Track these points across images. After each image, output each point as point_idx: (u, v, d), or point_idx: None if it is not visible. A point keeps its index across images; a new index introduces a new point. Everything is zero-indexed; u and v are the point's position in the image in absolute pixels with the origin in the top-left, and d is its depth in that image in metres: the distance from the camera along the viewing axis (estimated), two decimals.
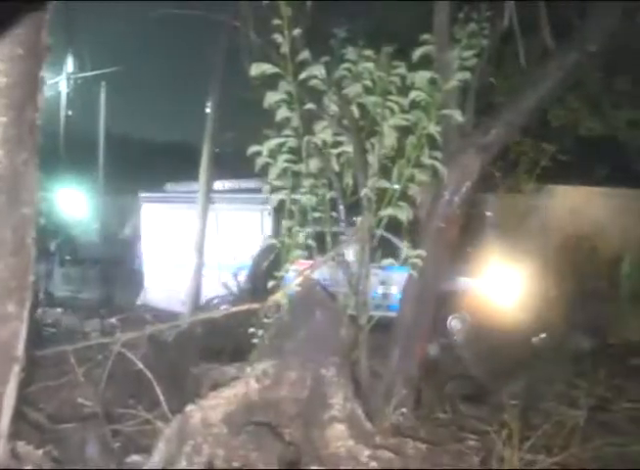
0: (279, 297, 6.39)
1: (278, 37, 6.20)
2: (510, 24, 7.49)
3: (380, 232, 6.55)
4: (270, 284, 6.62)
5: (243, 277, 12.62)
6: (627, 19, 7.21)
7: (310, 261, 6.81)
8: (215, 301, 13.39)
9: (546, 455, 6.10)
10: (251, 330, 6.73)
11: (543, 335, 11.07)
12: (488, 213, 15.62)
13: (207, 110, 14.01)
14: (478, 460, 6.21)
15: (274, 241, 6.60)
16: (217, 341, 8.98)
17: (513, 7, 7.41)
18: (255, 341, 6.68)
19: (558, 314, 11.58)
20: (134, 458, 5.89)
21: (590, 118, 14.99)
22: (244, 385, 6.22)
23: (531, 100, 6.96)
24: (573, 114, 14.82)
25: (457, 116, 6.63)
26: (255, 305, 6.63)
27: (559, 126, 14.84)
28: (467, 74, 6.64)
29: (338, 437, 6.08)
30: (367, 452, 6.01)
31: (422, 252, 6.65)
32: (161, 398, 6.39)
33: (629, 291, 11.41)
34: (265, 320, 6.61)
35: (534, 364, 9.40)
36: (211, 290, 14.04)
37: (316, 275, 6.83)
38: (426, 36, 6.65)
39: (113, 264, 19.20)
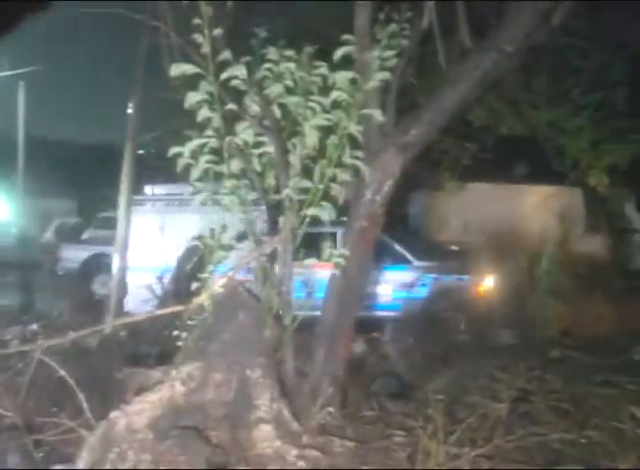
0: (203, 299, 6.34)
1: (198, 37, 6.14)
2: (430, 25, 7.56)
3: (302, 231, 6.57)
4: (194, 286, 6.56)
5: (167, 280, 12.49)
6: (544, 19, 7.35)
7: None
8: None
9: (471, 448, 6.21)
10: (176, 333, 6.66)
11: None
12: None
13: (129, 111, 13.76)
14: (404, 456, 6.28)
15: (197, 243, 6.52)
16: (142, 345, 8.86)
17: (432, 7, 7.48)
18: (180, 343, 6.61)
19: (480, 310, 11.82)
20: (57, 468, 5.77)
21: (510, 118, 15.31)
22: (169, 388, 6.16)
23: (450, 99, 7.05)
24: (494, 113, 15.11)
25: (378, 115, 6.70)
26: (179, 308, 6.56)
27: (480, 126, 15.11)
28: (387, 75, 6.72)
29: (264, 438, 6.07)
30: (294, 452, 6.02)
31: (345, 251, 6.69)
32: (85, 405, 6.25)
33: (549, 286, 11.69)
34: (189, 322, 6.54)
35: (458, 360, 9.55)
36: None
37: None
38: (347, 36, 6.69)
39: (33, 269, 18.74)
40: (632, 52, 14.52)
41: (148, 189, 15.79)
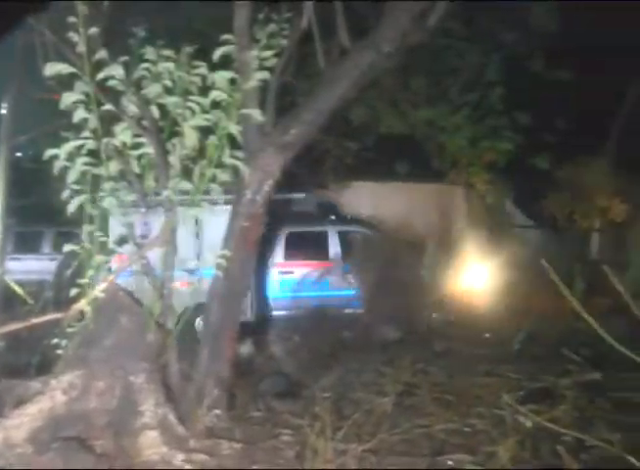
0: (82, 305, 6.16)
1: (74, 36, 5.95)
2: (309, 25, 7.60)
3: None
4: (73, 292, 6.36)
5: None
6: (420, 20, 7.51)
7: None
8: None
9: (357, 443, 6.32)
10: (56, 341, 6.45)
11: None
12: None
13: (2, 111, 13.23)
14: (292, 454, 6.32)
15: (74, 247, 6.32)
16: (20, 355, 8.52)
17: (312, 8, 7.53)
18: (60, 352, 6.41)
19: (366, 305, 11.99)
20: None
21: (390, 117, 15.56)
22: (49, 399, 5.99)
23: (329, 99, 7.12)
24: (374, 112, 15.33)
25: (257, 115, 6.70)
26: (58, 315, 6.35)
27: (361, 125, 15.30)
28: (267, 74, 6.73)
29: (150, 444, 5.99)
30: (181, 457, 5.97)
31: (226, 252, 6.66)
32: None
33: (431, 281, 11.96)
34: (69, 330, 6.34)
35: (344, 356, 9.66)
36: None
37: None
38: (226, 36, 6.64)
39: None
40: (506, 53, 15.04)
41: None
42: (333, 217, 14.16)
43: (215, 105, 6.44)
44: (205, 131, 6.43)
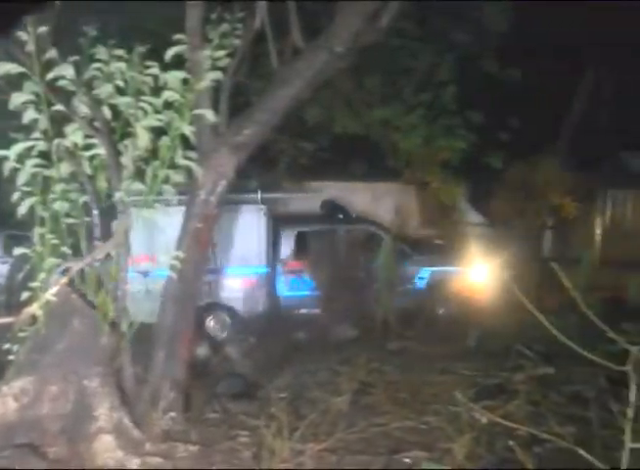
0: (34, 308, 6.06)
1: (23, 35, 5.86)
2: (262, 25, 7.58)
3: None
4: (24, 296, 6.25)
5: None
6: (372, 20, 7.54)
7: None
8: None
9: (314, 443, 6.33)
10: (7, 346, 6.34)
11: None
12: None
13: None
14: (249, 455, 6.32)
15: (26, 250, 6.22)
16: None
17: (265, 7, 7.51)
18: (12, 357, 6.29)
19: (322, 305, 11.97)
20: None
21: (344, 117, 15.59)
22: (0, 406, 5.91)
23: (282, 99, 7.12)
24: (328, 112, 15.34)
25: (210, 116, 6.66)
26: (9, 319, 6.24)
27: (315, 125, 15.29)
28: (219, 74, 6.69)
29: (105, 448, 5.95)
30: (136, 461, 5.94)
31: (180, 253, 6.61)
32: None
33: (385, 279, 12.00)
34: (21, 334, 6.24)
35: (300, 356, 9.66)
36: None
37: None
38: (178, 36, 6.59)
39: None
40: (459, 53, 15.18)
41: None
42: (340, 216, 14.31)
43: (168, 105, 6.38)
44: (158, 132, 6.36)
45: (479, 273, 12.42)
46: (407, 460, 6.36)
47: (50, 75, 5.96)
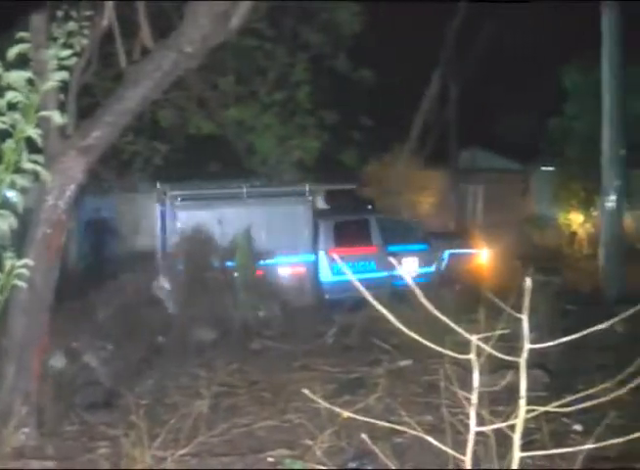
0: None
1: None
2: (110, 24, 7.38)
3: None
4: None
5: None
6: (223, 21, 7.49)
7: None
8: None
9: (176, 448, 6.23)
10: None
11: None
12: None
13: None
14: (109, 466, 6.16)
15: None
16: None
17: (112, 6, 7.31)
18: None
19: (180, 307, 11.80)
20: None
21: (198, 118, 15.49)
22: None
23: (132, 100, 6.94)
24: (182, 113, 15.21)
25: (57, 117, 6.40)
26: None
27: (169, 126, 15.13)
28: (66, 74, 6.44)
29: None
30: None
31: (29, 261, 6.30)
32: None
33: (244, 280, 11.98)
34: None
35: (161, 361, 9.48)
36: None
37: None
38: (22, 34, 6.31)
39: None
40: (313, 53, 15.42)
41: None
42: (370, 207, 15.78)
43: (12, 106, 6.08)
44: (2, 135, 6.06)
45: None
46: (270, 459, 6.40)
47: None
